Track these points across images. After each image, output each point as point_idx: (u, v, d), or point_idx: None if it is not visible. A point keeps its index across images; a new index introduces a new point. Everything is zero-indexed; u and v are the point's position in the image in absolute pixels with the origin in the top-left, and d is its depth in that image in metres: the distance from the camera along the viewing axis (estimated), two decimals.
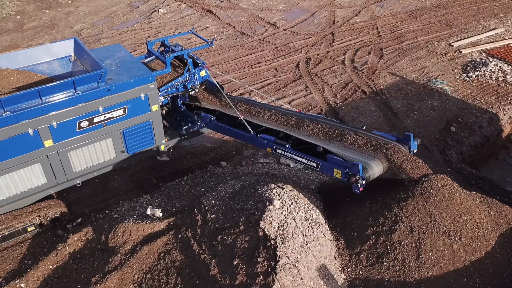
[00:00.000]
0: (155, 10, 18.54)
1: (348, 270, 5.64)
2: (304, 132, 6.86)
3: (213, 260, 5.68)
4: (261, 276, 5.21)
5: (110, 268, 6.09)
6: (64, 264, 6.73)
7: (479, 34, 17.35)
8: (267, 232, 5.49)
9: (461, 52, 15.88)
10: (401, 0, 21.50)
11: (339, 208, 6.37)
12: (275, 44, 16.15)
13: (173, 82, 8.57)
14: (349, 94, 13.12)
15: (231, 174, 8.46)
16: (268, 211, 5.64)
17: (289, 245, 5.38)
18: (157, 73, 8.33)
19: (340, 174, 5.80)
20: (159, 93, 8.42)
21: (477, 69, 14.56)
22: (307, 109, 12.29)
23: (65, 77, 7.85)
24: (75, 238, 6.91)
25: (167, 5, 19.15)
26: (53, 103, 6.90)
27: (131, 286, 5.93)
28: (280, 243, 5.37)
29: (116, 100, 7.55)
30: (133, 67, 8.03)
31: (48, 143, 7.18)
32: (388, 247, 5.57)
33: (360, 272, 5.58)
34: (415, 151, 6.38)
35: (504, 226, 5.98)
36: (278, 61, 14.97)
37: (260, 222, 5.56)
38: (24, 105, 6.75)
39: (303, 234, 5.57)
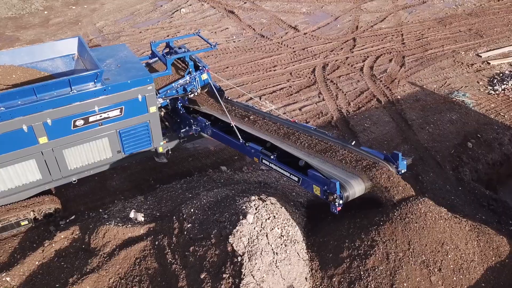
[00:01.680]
0: (178, 10, 18.65)
1: None
2: (292, 143, 6.64)
3: (183, 271, 5.55)
4: None
5: (87, 270, 6.08)
6: (49, 261, 6.78)
7: (511, 45, 16.46)
8: (235, 248, 5.31)
9: (489, 63, 15.10)
10: (432, 7, 20.74)
11: (320, 226, 6.09)
12: (293, 48, 15.89)
13: (173, 84, 8.51)
14: (363, 103, 12.70)
15: (226, 180, 8.32)
16: (240, 225, 5.45)
17: (256, 263, 5.17)
18: (156, 75, 8.28)
19: (319, 191, 5.54)
20: (158, 95, 8.38)
21: (505, 82, 13.79)
22: (317, 116, 11.99)
23: (67, 75, 7.90)
24: (62, 236, 6.95)
25: (190, 5, 19.24)
26: (48, 101, 6.96)
27: None
28: (247, 261, 5.17)
29: (112, 100, 7.55)
30: (132, 68, 8.01)
31: (43, 140, 7.25)
32: (362, 272, 5.24)
33: None
34: (403, 171, 6.01)
35: (493, 259, 5.52)
36: (294, 65, 14.71)
37: (230, 236, 5.38)
38: (19, 102, 6.84)
39: (274, 252, 5.35)
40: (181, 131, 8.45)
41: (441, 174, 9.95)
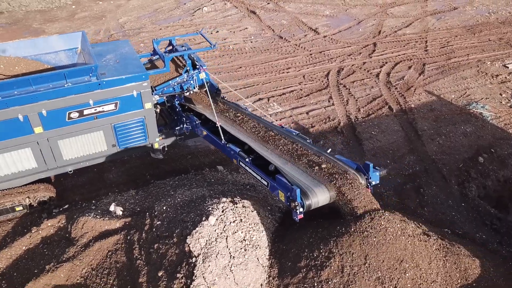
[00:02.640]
0: (200, 8, 18.84)
1: None
2: (272, 147, 6.56)
3: (145, 268, 5.59)
4: None
5: (64, 259, 6.23)
6: (35, 247, 7.00)
7: None
8: (191, 249, 5.29)
9: None
10: (463, 14, 19.98)
11: (287, 233, 5.97)
12: (310, 51, 15.70)
13: (170, 81, 8.59)
14: (374, 110, 12.38)
15: (217, 180, 8.32)
16: (200, 226, 5.43)
17: (209, 265, 5.12)
18: (153, 72, 8.39)
19: (284, 197, 5.44)
20: (155, 92, 8.48)
21: None
22: (323, 121, 11.79)
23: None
24: (49, 224, 7.16)
25: (213, 4, 19.38)
26: (43, 92, 7.18)
27: (78, 279, 6.02)
28: (201, 262, 5.13)
29: (107, 95, 7.70)
30: (130, 64, 8.15)
31: (38, 130, 7.50)
32: (316, 284, 5.08)
33: None
34: (374, 183, 5.79)
35: (459, 281, 5.20)
36: (308, 68, 14.53)
37: (188, 237, 5.36)
38: (16, 92, 7.09)
39: (231, 255, 5.28)
40: (176, 128, 8.52)
41: (445, 188, 9.56)
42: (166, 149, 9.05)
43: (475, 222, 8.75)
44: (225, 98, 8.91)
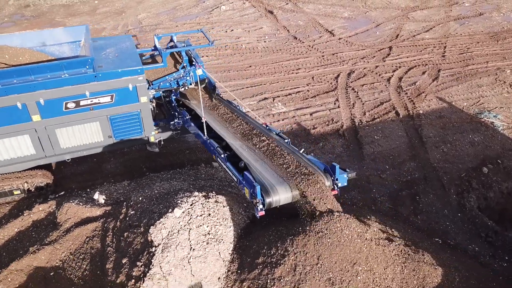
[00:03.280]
0: (218, 7, 19.03)
1: None
2: (250, 145, 6.61)
3: (114, 255, 5.75)
4: (133, 280, 5.16)
5: (46, 242, 6.49)
6: (25, 230, 7.31)
7: None
8: (152, 238, 5.39)
9: None
10: (488, 20, 19.35)
11: (253, 230, 5.98)
12: (322, 52, 15.60)
13: (167, 77, 8.76)
14: (379, 114, 12.19)
15: (208, 176, 8.43)
16: (165, 217, 5.53)
17: (167, 256, 5.21)
18: (150, 67, 8.57)
19: (248, 193, 5.47)
20: (151, 86, 8.67)
21: None
22: (326, 123, 11.71)
23: None
24: (40, 208, 7.47)
25: (232, 3, 19.54)
26: (41, 82, 7.48)
27: (57, 262, 6.26)
28: (160, 252, 5.23)
29: (103, 87, 7.94)
30: (128, 59, 8.37)
31: (36, 118, 7.81)
32: (268, 281, 5.07)
33: None
34: (340, 185, 5.71)
35: None
36: (318, 69, 14.44)
37: (152, 227, 5.47)
38: (15, 81, 7.42)
39: (191, 248, 5.35)
40: (171, 122, 8.69)
41: (443, 197, 9.31)
42: (162, 143, 9.23)
43: (469, 234, 8.50)
44: (221, 96, 9.00)
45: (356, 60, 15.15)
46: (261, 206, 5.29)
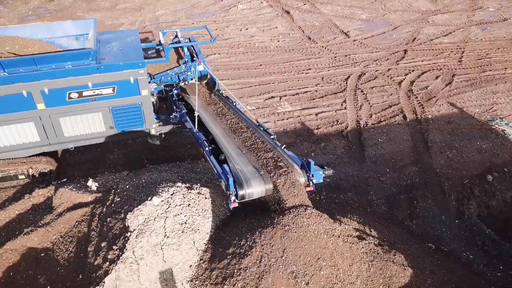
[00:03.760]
0: (235, 5, 19.20)
1: (195, 283, 5.37)
2: (236, 139, 6.74)
3: (96, 238, 5.95)
4: (108, 263, 5.33)
5: (40, 224, 6.78)
6: (24, 213, 7.65)
7: None
8: (129, 224, 5.55)
9: None
10: None
11: (231, 221, 6.07)
12: (335, 53, 15.53)
13: (168, 71, 8.95)
14: (386, 117, 12.06)
15: (203, 170, 8.57)
16: (143, 205, 5.68)
17: (141, 241, 5.36)
18: (152, 61, 8.78)
19: (224, 185, 5.58)
20: (153, 80, 8.88)
21: None
22: (330, 124, 11.67)
23: None
24: (40, 193, 7.78)
25: (249, 2, 19.68)
26: (45, 72, 7.80)
27: (48, 244, 6.53)
28: (134, 237, 5.38)
29: (105, 79, 8.20)
30: (131, 52, 8.61)
31: (41, 106, 8.15)
32: (235, 271, 5.12)
33: None
34: (315, 181, 5.72)
35: (381, 287, 4.99)
36: (329, 70, 14.39)
37: (129, 213, 5.63)
38: (21, 70, 7.76)
39: (165, 235, 5.48)
40: (170, 116, 8.88)
41: (441, 203, 9.16)
42: (163, 136, 9.43)
43: (465, 241, 8.33)
44: (221, 92, 9.13)
45: (369, 62, 15.01)
46: (233, 198, 5.40)
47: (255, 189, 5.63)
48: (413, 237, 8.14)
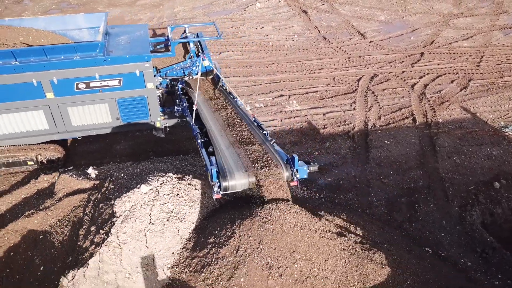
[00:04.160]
0: (253, 4, 19.30)
1: (176, 270, 5.46)
2: (229, 132, 6.85)
3: (88, 223, 6.15)
4: (93, 246, 5.50)
5: (41, 208, 7.05)
6: (29, 197, 7.96)
7: None
8: (116, 210, 5.71)
9: None
10: None
11: (217, 212, 6.16)
12: (349, 54, 15.42)
13: (174, 65, 9.12)
14: (395, 120, 11.91)
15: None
16: (131, 192, 5.83)
17: (125, 226, 5.50)
18: (158, 55, 8.96)
19: (209, 176, 5.68)
20: (159, 73, 9.07)
21: None
22: (337, 124, 11.62)
23: None
24: (45, 179, 8.08)
25: (267, 1, 19.73)
26: (55, 62, 8.10)
27: (47, 227, 6.78)
28: (119, 222, 5.52)
29: (111, 71, 8.44)
30: (138, 46, 8.83)
31: (50, 95, 8.45)
32: (213, 260, 5.20)
33: (184, 275, 5.34)
34: (299, 176, 5.73)
35: (356, 284, 4.94)
36: (341, 71, 14.31)
37: (117, 199, 5.79)
38: (32, 60, 8.08)
39: (150, 222, 5.60)
40: (174, 109, 9.05)
41: (443, 208, 9.01)
42: (168, 129, 9.61)
43: (464, 247, 8.19)
44: (224, 87, 9.24)
45: (383, 64, 14.84)
46: (216, 189, 5.50)
47: (238, 182, 5.71)
48: (410, 240, 8.06)
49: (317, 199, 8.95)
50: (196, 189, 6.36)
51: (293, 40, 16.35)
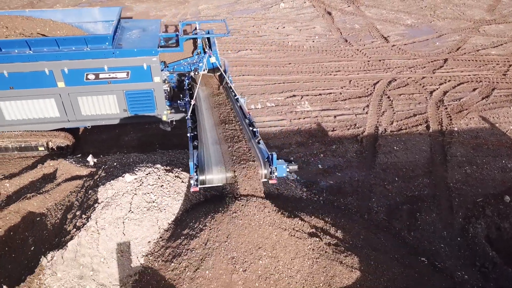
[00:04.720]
0: (278, 4, 19.30)
1: (149, 258, 5.55)
2: (219, 129, 6.93)
3: (76, 208, 6.36)
4: (74, 229, 5.67)
5: (41, 191, 7.37)
6: (35, 180, 8.32)
7: None
8: (98, 196, 5.86)
9: None
10: None
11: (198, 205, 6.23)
12: (369, 58, 15.17)
13: (181, 61, 9.28)
14: (408, 126, 11.63)
15: None
16: (115, 180, 5.97)
17: (105, 213, 5.64)
18: (167, 50, 9.15)
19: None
20: (167, 68, 9.25)
21: None
22: (347, 127, 11.47)
23: None
24: (51, 164, 8.43)
25: (292, 1, 19.69)
26: (66, 53, 8.43)
27: (44, 209, 7.08)
28: (100, 208, 5.67)
29: (120, 63, 8.70)
30: (148, 40, 9.05)
31: (61, 84, 8.81)
32: (184, 250, 5.24)
33: (156, 264, 5.42)
34: (277, 174, 5.70)
35: (321, 285, 4.84)
36: (358, 74, 14.11)
37: (101, 186, 5.95)
38: (45, 49, 8.44)
39: (130, 210, 5.72)
40: (179, 103, 9.21)
41: (446, 219, 8.73)
42: (174, 123, 9.80)
43: (463, 260, 7.91)
44: (229, 85, 9.31)
45: (403, 69, 14.51)
46: (193, 182, 5.59)
47: (216, 176, 5.78)
48: (406, 248, 7.86)
49: (315, 200, 8.88)
50: (183, 181, 6.48)
51: (313, 41, 16.24)
